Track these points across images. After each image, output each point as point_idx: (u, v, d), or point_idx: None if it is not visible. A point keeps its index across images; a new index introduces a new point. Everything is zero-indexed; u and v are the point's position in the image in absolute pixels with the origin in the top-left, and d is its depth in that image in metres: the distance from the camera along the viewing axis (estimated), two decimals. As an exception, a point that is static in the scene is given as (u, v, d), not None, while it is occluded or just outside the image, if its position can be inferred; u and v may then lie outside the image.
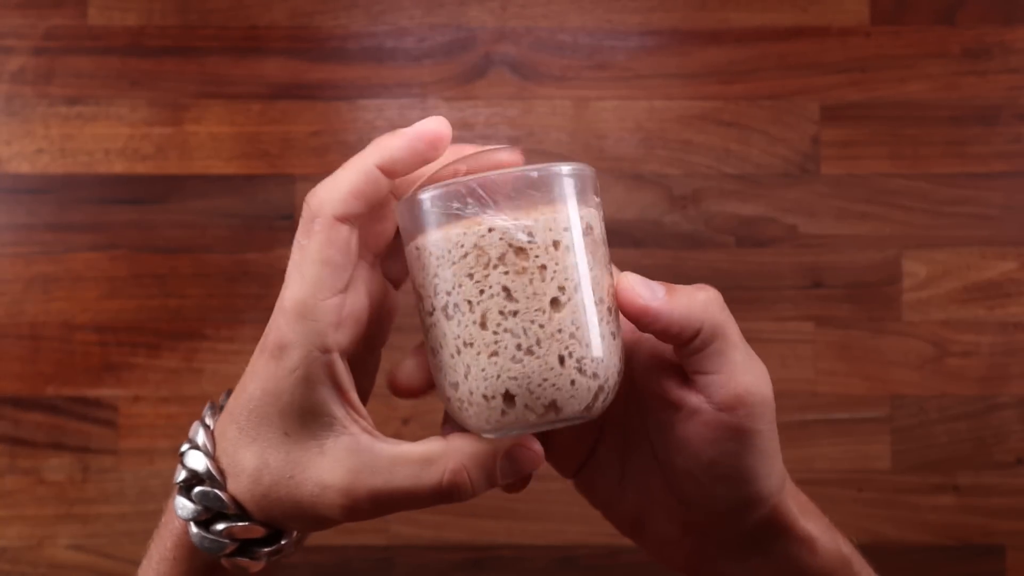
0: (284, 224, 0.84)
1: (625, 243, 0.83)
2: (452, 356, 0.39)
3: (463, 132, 0.85)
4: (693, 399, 0.42)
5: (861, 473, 0.84)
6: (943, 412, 0.84)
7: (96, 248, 0.84)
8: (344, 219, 0.39)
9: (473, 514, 0.83)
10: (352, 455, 0.40)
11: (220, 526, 0.41)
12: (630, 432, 0.46)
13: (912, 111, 0.85)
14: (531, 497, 0.85)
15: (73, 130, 0.84)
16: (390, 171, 0.40)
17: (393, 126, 0.84)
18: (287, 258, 0.40)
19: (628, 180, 0.84)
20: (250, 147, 0.85)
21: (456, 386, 0.39)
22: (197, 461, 0.42)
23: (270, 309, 0.40)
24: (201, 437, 0.42)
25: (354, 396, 0.41)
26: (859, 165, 0.85)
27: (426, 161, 0.41)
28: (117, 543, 0.84)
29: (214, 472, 0.41)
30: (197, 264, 0.84)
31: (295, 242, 0.40)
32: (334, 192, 0.39)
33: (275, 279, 0.87)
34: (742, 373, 0.41)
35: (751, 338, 0.42)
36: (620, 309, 0.40)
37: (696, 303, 0.40)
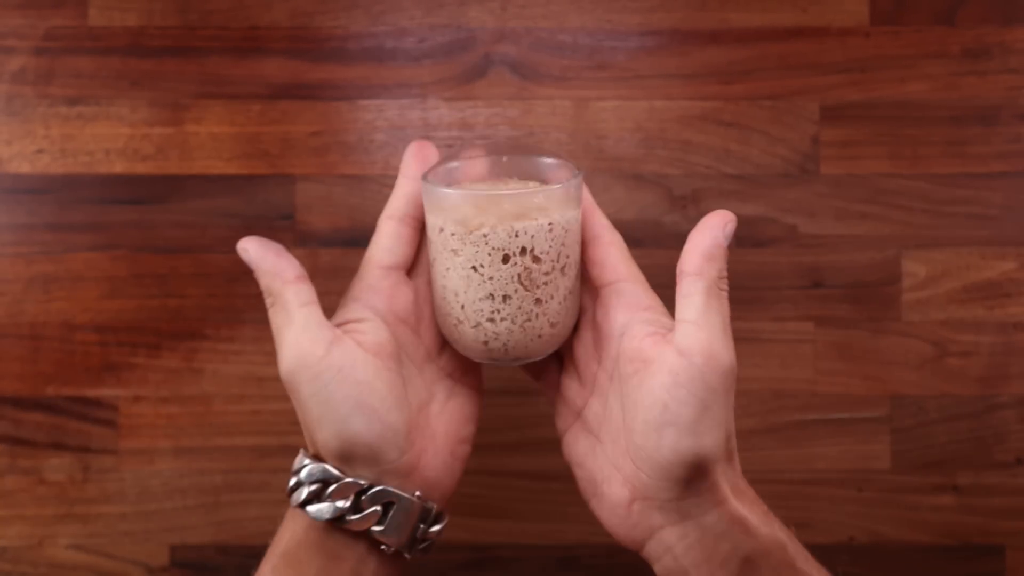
0: (284, 224, 0.84)
1: (625, 243, 0.83)
2: (454, 299, 0.56)
3: (463, 132, 0.85)
4: (664, 352, 0.51)
5: (861, 473, 0.84)
6: (943, 412, 0.84)
7: (96, 248, 0.85)
8: (402, 220, 0.60)
9: (473, 514, 0.83)
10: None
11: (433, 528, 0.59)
12: (609, 399, 0.55)
13: (912, 111, 0.85)
14: (531, 497, 0.85)
15: (73, 130, 0.85)
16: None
17: (393, 126, 0.85)
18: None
19: (628, 180, 0.85)
20: (250, 147, 0.85)
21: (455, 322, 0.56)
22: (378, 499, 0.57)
23: (270, 309, 0.40)
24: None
25: None
26: (859, 165, 0.85)
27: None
28: (117, 543, 0.84)
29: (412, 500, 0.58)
30: (197, 264, 0.84)
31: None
32: (379, 247, 0.59)
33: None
34: (716, 336, 0.51)
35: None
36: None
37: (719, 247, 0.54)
